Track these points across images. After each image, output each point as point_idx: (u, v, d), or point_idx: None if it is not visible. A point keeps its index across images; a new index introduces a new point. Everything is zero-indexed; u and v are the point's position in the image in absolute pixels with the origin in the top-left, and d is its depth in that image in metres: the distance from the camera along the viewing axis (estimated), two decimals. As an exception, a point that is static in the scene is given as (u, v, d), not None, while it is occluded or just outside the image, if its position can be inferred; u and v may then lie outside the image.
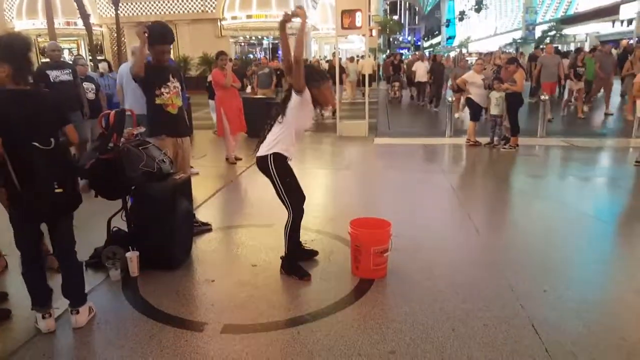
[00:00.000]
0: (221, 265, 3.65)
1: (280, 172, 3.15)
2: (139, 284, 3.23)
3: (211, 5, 24.16)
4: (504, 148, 7.86)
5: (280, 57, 24.74)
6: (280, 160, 3.15)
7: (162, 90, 3.72)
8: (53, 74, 5.80)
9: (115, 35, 22.47)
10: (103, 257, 3.35)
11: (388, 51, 35.21)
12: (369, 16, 12.18)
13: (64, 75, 5.87)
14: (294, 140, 3.21)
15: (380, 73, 23.79)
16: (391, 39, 48.62)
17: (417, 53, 26.05)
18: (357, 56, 22.36)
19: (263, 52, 27.11)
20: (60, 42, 25.78)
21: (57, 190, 2.47)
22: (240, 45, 26.71)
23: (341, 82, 13.02)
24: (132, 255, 3.28)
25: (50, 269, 3.05)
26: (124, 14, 23.69)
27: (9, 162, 2.40)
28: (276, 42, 26.49)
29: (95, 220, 3.59)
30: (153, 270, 3.37)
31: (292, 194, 3.22)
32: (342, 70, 13.22)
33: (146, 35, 3.53)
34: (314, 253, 3.61)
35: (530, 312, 2.83)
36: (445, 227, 4.44)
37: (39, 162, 2.41)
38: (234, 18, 24.05)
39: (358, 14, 9.37)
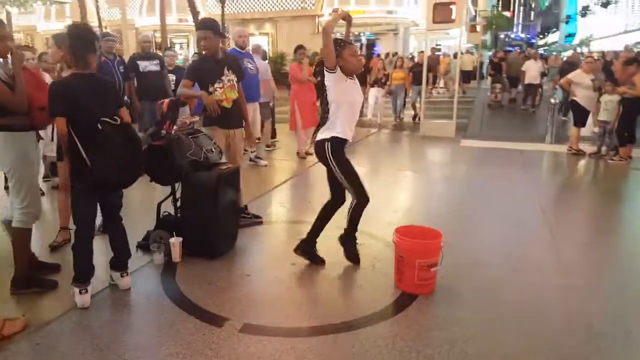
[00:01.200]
0: (261, 259, 3.59)
1: (337, 158, 3.11)
2: (178, 270, 3.28)
3: (310, 2, 24.56)
4: (613, 160, 6.88)
5: (376, 53, 24.46)
6: (337, 144, 3.11)
7: (216, 86, 3.72)
8: (143, 64, 6.20)
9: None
10: (150, 240, 3.47)
11: (494, 50, 33.06)
12: (476, 11, 11.43)
13: (152, 66, 6.25)
14: (350, 119, 3.15)
15: (484, 71, 22.54)
16: (498, 36, 45.56)
17: (517, 49, 24.03)
18: (462, 52, 21.30)
19: (360, 49, 26.94)
20: (173, 38, 28.05)
21: (136, 165, 2.70)
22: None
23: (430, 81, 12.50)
24: (175, 241, 3.35)
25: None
26: (229, 11, 24.99)
27: (78, 140, 2.55)
28: (373, 37, 26.22)
29: (151, 204, 3.73)
30: (195, 258, 3.41)
31: (353, 177, 3.15)
32: (429, 68, 12.41)
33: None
34: (321, 261, 3.39)
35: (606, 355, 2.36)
36: (520, 245, 3.91)
37: (111, 135, 2.56)
38: (331, 14, 24.19)
39: (453, 6, 8.82)
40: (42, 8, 25.99)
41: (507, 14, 54.21)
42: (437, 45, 28.03)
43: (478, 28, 20.00)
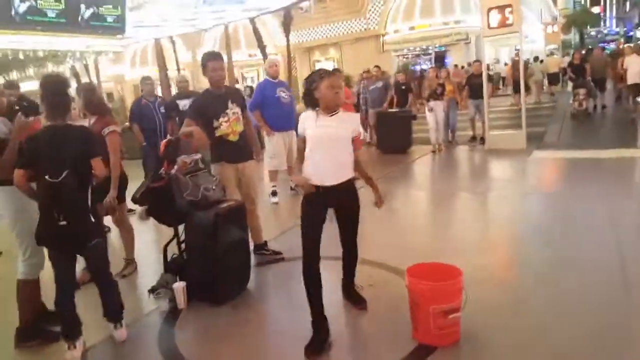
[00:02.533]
0: (272, 301, 3.36)
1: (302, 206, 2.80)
2: (179, 319, 3.14)
3: (374, 22, 24.52)
4: None
5: (447, 64, 23.60)
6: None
7: (221, 120, 3.62)
8: (182, 103, 6.37)
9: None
10: (157, 285, 3.38)
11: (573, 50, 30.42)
12: (558, 10, 10.53)
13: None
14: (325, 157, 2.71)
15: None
16: (586, 33, 41.98)
17: (608, 45, 21.67)
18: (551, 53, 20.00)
19: (429, 62, 26.29)
20: (246, 72, 29.43)
21: (60, 223, 2.53)
22: (404, 58, 26.46)
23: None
24: (178, 287, 3.22)
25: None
26: (294, 41, 25.70)
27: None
28: (442, 49, 25.45)
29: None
30: (201, 304, 3.26)
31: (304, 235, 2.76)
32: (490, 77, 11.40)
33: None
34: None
35: None
36: (583, 284, 3.25)
37: (44, 193, 2.53)
38: (396, 31, 23.97)
39: (508, 9, 8.17)
40: (129, 56, 28.70)
41: (597, 9, 50.02)
42: (516, 50, 26.50)
43: (555, 28, 18.62)
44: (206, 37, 26.02)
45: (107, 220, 4.01)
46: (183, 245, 3.39)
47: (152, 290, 3.44)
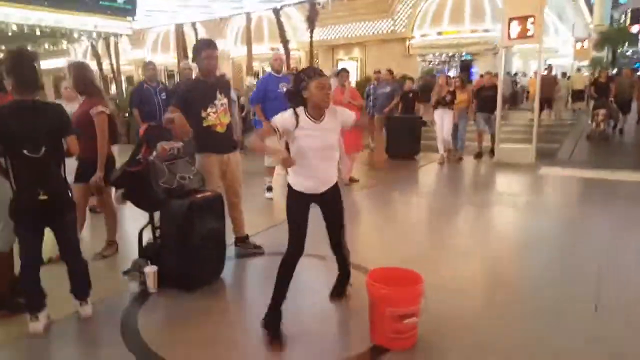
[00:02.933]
0: (242, 293, 3.42)
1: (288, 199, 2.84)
2: (147, 301, 3.22)
3: (401, 25, 24.39)
4: None
5: (473, 73, 23.34)
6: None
7: (209, 111, 3.66)
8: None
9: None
10: (131, 267, 3.48)
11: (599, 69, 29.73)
12: (593, 26, 10.26)
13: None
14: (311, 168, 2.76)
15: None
16: (619, 52, 40.88)
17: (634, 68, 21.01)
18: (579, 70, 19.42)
19: (454, 69, 26.09)
20: (267, 65, 29.63)
21: (41, 197, 2.63)
22: (430, 63, 26.26)
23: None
24: (149, 271, 3.30)
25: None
26: (318, 38, 25.73)
27: (10, 168, 2.66)
28: (469, 58, 25.19)
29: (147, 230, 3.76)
30: (173, 289, 3.34)
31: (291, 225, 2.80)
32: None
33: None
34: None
35: None
36: (557, 304, 3.22)
37: (24, 169, 2.61)
38: (423, 36, 23.81)
39: (530, 20, 8.07)
40: (151, 40, 29.17)
41: (636, 27, 48.71)
42: (547, 65, 26.02)
43: (585, 44, 18.28)
44: (229, 27, 26.30)
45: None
46: (158, 231, 3.48)
47: (126, 273, 3.54)
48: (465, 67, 25.18)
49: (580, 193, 6.61)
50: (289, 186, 2.85)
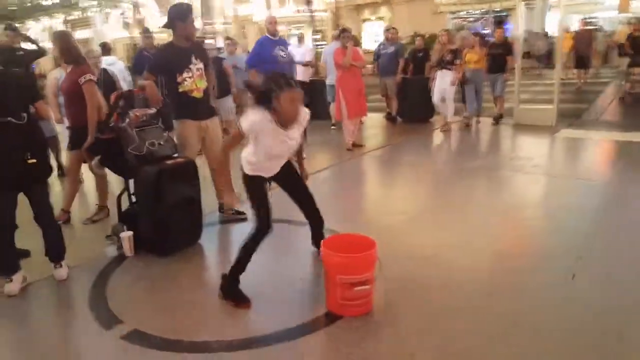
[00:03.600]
0: (215, 258, 3.51)
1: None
2: (121, 265, 3.36)
3: (431, -19, 23.34)
4: None
5: (508, 31, 22.20)
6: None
7: (184, 76, 3.64)
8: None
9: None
10: (111, 232, 3.61)
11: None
12: None
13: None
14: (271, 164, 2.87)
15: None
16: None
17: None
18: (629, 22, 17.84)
19: (490, 26, 24.87)
20: (292, 29, 29.20)
21: (30, 161, 2.78)
22: (462, 21, 25.14)
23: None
24: (125, 236, 3.43)
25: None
26: (343, -2, 25.01)
27: None
28: (502, 13, 23.96)
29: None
30: (148, 253, 3.46)
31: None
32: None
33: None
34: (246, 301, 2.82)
35: None
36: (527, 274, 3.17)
37: (12, 135, 2.74)
38: (453, -8, 22.73)
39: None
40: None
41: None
42: (586, 18, 24.31)
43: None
44: (251, -10, 25.90)
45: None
46: (134, 197, 3.58)
47: (108, 237, 3.69)
48: (500, 23, 23.95)
49: (596, 156, 6.29)
50: (243, 170, 2.87)
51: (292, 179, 3.09)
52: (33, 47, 5.53)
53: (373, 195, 5.30)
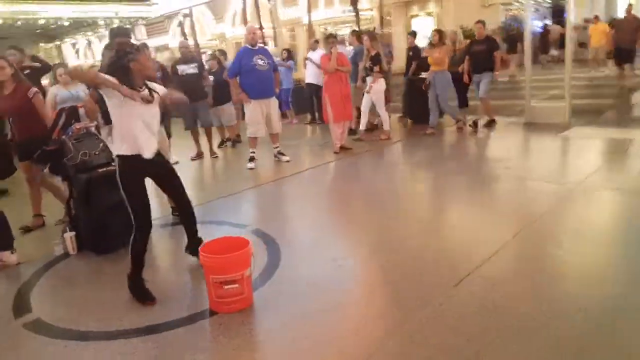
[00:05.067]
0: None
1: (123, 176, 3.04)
2: (60, 262, 3.82)
3: (479, -27, 22.59)
4: None
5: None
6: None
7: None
8: (181, 68, 7.00)
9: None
10: (61, 233, 4.10)
11: None
12: None
13: (191, 69, 7.00)
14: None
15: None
16: None
17: None
18: None
19: (548, 18, 23.75)
20: (339, 30, 29.45)
21: None
22: (516, 12, 24.09)
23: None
24: (67, 236, 3.89)
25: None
26: (390, -5, 24.84)
27: None
28: (562, 2, 22.64)
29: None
30: (89, 252, 3.90)
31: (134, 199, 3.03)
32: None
33: None
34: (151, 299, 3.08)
35: None
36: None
37: None
38: (504, -19, 21.88)
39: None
40: (230, 15, 30.43)
41: None
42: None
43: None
44: (297, -7, 26.43)
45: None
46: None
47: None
48: (559, 13, 22.72)
49: (596, 157, 5.96)
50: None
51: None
52: (36, 64, 6.22)
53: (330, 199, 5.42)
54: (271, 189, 5.66)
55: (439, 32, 7.57)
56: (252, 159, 6.50)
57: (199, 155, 7.40)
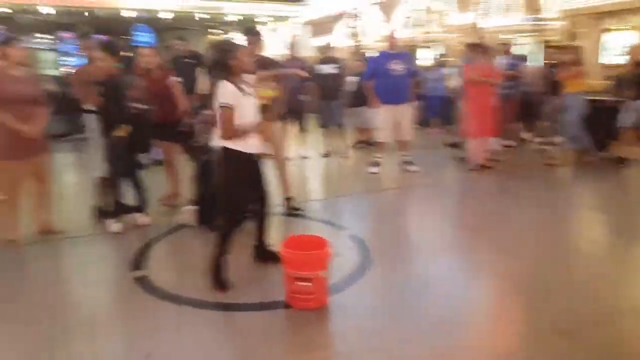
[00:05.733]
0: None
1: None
2: (182, 230, 4.40)
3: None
4: None
5: None
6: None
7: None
8: (321, 68, 7.35)
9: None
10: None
11: None
12: None
13: (330, 69, 7.30)
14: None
15: None
16: None
17: None
18: None
19: None
20: (519, 38, 27.63)
21: None
22: None
23: None
24: (188, 209, 4.48)
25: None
26: (580, 5, 22.58)
27: None
28: None
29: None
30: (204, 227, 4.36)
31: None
32: None
33: None
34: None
35: None
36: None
37: None
38: None
39: None
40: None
41: None
42: None
43: None
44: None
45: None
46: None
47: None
48: None
49: None
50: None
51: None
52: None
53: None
54: (386, 197, 5.67)
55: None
56: (376, 164, 6.55)
57: (329, 154, 7.70)
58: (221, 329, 2.87)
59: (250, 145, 3.27)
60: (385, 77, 6.13)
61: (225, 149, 3.24)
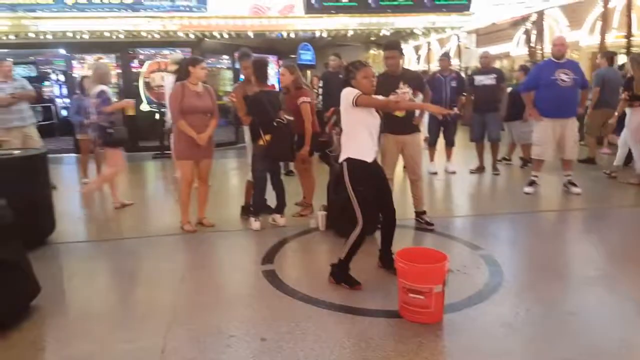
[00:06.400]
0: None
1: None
2: (312, 233, 4.68)
3: None
4: None
5: None
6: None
7: (390, 97, 4.19)
8: (478, 78, 7.07)
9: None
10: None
11: None
12: None
13: (488, 80, 6.99)
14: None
15: None
16: None
17: None
18: None
19: None
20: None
21: None
22: None
23: None
24: (319, 214, 4.76)
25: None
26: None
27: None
28: None
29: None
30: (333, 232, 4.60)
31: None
32: None
33: None
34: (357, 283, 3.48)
35: None
36: None
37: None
38: None
39: None
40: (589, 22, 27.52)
41: None
42: None
43: None
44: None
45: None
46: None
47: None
48: None
49: None
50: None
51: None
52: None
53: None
54: (535, 220, 5.19)
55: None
56: (532, 183, 6.04)
57: (480, 170, 7.32)
58: (331, 328, 2.95)
59: (371, 154, 3.45)
60: (550, 87, 5.63)
61: (349, 159, 3.45)
